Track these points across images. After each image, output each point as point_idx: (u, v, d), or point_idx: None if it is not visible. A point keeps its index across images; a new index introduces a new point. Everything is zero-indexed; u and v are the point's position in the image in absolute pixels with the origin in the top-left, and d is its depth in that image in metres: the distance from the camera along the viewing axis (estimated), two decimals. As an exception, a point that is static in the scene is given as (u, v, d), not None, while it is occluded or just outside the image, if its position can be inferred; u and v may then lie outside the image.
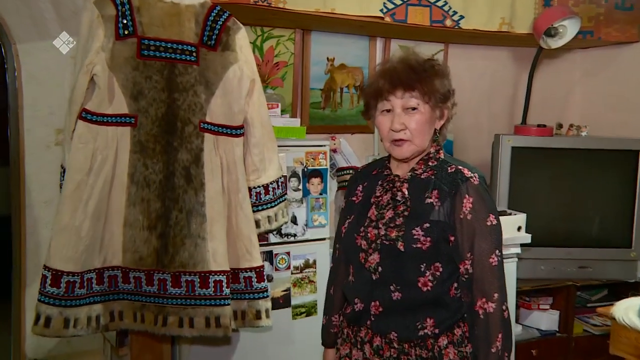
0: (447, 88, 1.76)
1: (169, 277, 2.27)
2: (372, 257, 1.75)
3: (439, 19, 3.15)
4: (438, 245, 1.70)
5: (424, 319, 1.72)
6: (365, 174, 1.92)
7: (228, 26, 2.34)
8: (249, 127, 2.42)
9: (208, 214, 2.28)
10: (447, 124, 1.83)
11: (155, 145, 2.27)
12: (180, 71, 2.27)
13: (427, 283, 1.71)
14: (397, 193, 1.78)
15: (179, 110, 2.28)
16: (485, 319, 1.69)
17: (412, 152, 1.76)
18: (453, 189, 1.72)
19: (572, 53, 3.92)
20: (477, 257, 1.70)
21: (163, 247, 2.27)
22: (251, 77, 2.38)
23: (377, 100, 1.77)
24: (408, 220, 1.72)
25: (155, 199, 2.27)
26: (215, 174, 2.31)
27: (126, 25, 2.24)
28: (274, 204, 2.53)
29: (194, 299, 2.27)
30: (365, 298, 1.77)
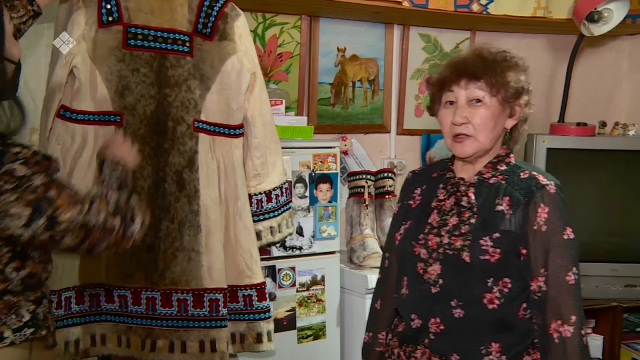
0: (520, 83, 1.77)
1: (159, 295, 2.30)
2: (432, 268, 1.77)
3: (465, 3, 3.18)
4: (508, 258, 1.72)
5: (489, 342, 1.72)
6: (424, 176, 1.94)
7: (225, 12, 2.37)
8: (250, 126, 2.45)
9: (203, 225, 2.31)
10: (520, 125, 1.85)
11: (143, 147, 2.29)
12: (171, 63, 2.30)
13: (494, 300, 1.71)
14: (462, 198, 1.80)
15: (171, 108, 2.31)
16: (562, 344, 1.69)
17: (475, 150, 1.77)
18: (527, 196, 1.74)
19: (618, 40, 3.91)
20: (551, 274, 1.71)
21: (152, 261, 2.29)
22: (252, 70, 2.41)
23: (442, 91, 1.81)
24: (475, 228, 1.74)
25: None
26: (211, 180, 2.34)
27: (110, 10, 2.27)
28: (277, 213, 2.56)
29: (186, 320, 2.30)
30: (424, 314, 1.77)
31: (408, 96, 3.52)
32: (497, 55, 1.78)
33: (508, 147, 1.86)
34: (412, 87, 3.52)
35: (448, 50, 3.58)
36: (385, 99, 3.47)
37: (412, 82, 3.52)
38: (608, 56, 3.93)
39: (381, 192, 3.13)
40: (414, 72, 3.52)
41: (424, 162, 3.60)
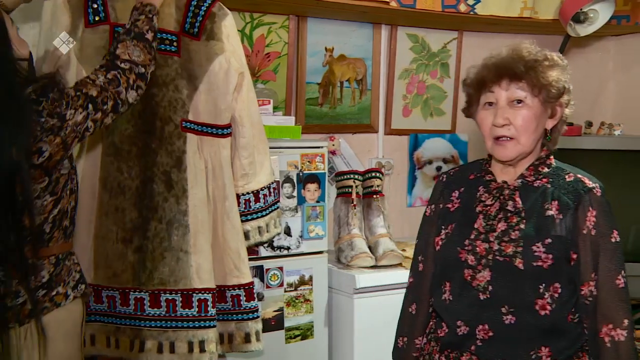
0: (561, 83, 1.75)
1: (147, 296, 2.29)
2: (481, 275, 1.75)
3: (452, 3, 3.19)
4: (559, 264, 1.71)
5: (539, 347, 1.72)
6: (460, 179, 1.91)
7: (213, 12, 2.37)
8: (237, 126, 2.45)
9: (191, 225, 2.31)
10: (560, 125, 1.84)
11: (130, 147, 2.30)
12: (159, 63, 2.29)
13: (546, 306, 1.71)
14: (508, 202, 1.78)
15: (158, 108, 2.31)
16: (614, 348, 1.69)
17: (518, 153, 1.76)
18: (575, 200, 1.73)
19: (604, 41, 3.94)
20: (602, 278, 1.71)
21: (140, 262, 2.29)
22: (240, 70, 2.41)
23: (480, 92, 1.78)
24: (526, 234, 1.73)
25: (130, 208, 2.30)
26: (199, 180, 2.34)
27: (97, 10, 2.27)
28: (265, 212, 2.56)
29: (175, 321, 2.30)
30: (471, 321, 1.75)
31: (396, 96, 3.53)
32: (538, 54, 1.76)
33: (548, 148, 1.84)
34: (399, 87, 3.54)
35: (435, 51, 3.60)
36: (373, 99, 3.48)
37: (399, 82, 3.53)
38: (594, 57, 3.96)
39: (369, 192, 3.14)
40: (402, 72, 3.53)
41: (412, 162, 3.62)
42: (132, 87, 2.01)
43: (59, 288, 1.90)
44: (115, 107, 1.97)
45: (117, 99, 1.96)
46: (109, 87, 1.95)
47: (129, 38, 2.06)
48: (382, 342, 2.79)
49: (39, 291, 1.86)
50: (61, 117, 1.82)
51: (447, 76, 3.66)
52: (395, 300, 2.82)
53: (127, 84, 2.00)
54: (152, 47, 2.10)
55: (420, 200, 3.67)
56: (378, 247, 3.04)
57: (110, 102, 1.95)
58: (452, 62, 3.66)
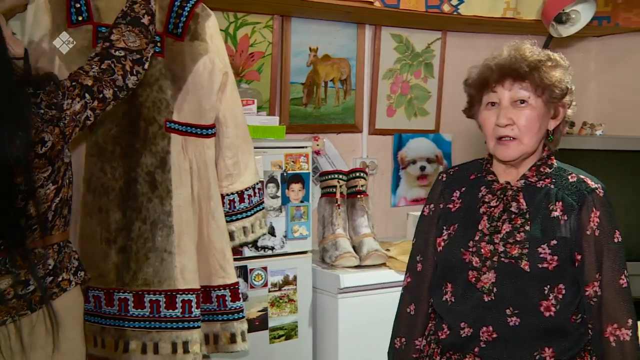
0: (564, 83, 1.75)
1: (131, 296, 2.29)
2: (485, 277, 1.74)
3: (436, 3, 3.20)
4: (564, 265, 1.72)
5: (542, 348, 1.72)
6: (461, 178, 1.91)
7: (196, 13, 2.36)
8: (222, 126, 2.45)
9: (175, 225, 2.30)
10: (562, 126, 1.83)
11: (114, 147, 2.29)
12: None
13: (550, 307, 1.71)
14: (511, 203, 1.77)
15: (142, 108, 2.30)
16: (620, 347, 1.70)
17: (520, 154, 1.76)
18: (579, 201, 1.74)
19: (586, 42, 3.96)
20: (606, 279, 1.72)
21: (124, 262, 2.28)
22: (224, 70, 2.41)
23: (482, 92, 1.78)
24: (531, 235, 1.73)
25: (114, 209, 2.29)
26: (183, 180, 2.34)
27: (80, 10, 2.26)
28: (250, 213, 2.56)
29: (158, 321, 2.29)
30: (475, 322, 1.75)
31: (380, 96, 3.54)
32: (541, 54, 1.76)
33: (549, 148, 1.83)
34: (384, 87, 3.54)
35: (419, 51, 3.61)
36: (357, 98, 3.49)
37: (384, 82, 3.54)
38: (576, 57, 3.98)
39: (353, 191, 3.14)
40: (386, 72, 3.54)
41: (396, 161, 3.63)
42: (130, 72, 2.04)
43: (63, 274, 1.97)
44: (115, 94, 2.00)
45: (114, 86, 1.99)
46: (103, 77, 1.97)
47: (124, 23, 2.07)
48: (367, 341, 2.81)
49: (47, 278, 1.93)
50: (59, 107, 1.86)
51: (430, 76, 3.67)
52: (380, 300, 2.85)
53: (122, 72, 2.01)
54: (148, 31, 2.10)
55: (405, 200, 3.68)
56: (362, 247, 3.04)
57: (108, 91, 1.97)
58: (436, 62, 3.67)
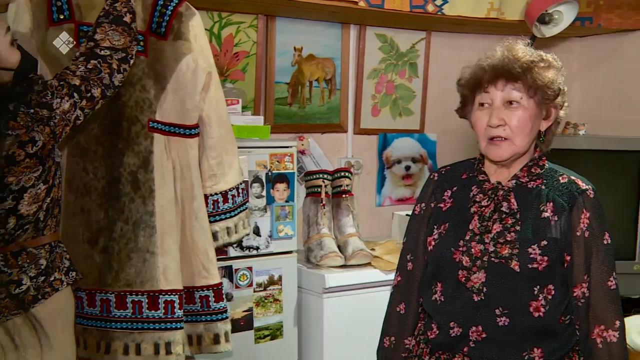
0: (557, 84, 1.75)
1: (113, 297, 2.28)
2: (475, 276, 1.73)
3: (420, 3, 3.20)
4: (554, 266, 1.71)
5: (531, 348, 1.72)
6: (452, 177, 1.90)
7: (180, 12, 2.35)
8: (205, 126, 2.44)
9: (158, 226, 2.30)
10: (554, 127, 1.82)
11: (96, 147, 2.28)
12: None
13: (540, 308, 1.71)
14: (502, 203, 1.77)
15: (125, 108, 2.29)
16: (606, 349, 1.70)
17: (512, 154, 1.75)
18: (570, 202, 1.73)
19: (568, 42, 3.99)
20: (594, 280, 1.72)
21: (106, 263, 2.28)
22: (207, 70, 2.40)
23: (475, 92, 1.77)
24: (521, 236, 1.72)
25: (96, 209, 2.28)
26: (166, 180, 2.33)
27: (61, 8, 2.24)
28: (233, 213, 2.55)
29: (141, 322, 2.28)
30: (464, 322, 1.75)
31: (365, 96, 3.53)
32: (533, 55, 1.76)
33: (541, 149, 1.83)
34: (368, 86, 3.54)
35: (404, 50, 3.61)
36: (342, 98, 3.48)
37: (368, 81, 3.54)
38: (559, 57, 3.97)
39: (338, 191, 3.14)
40: (371, 71, 3.54)
41: (381, 161, 3.63)
42: (117, 71, 2.05)
43: (55, 274, 2.00)
44: (103, 92, 2.02)
45: (101, 85, 2.00)
46: (90, 76, 1.98)
47: (107, 21, 2.07)
48: (352, 341, 2.81)
49: (39, 278, 1.96)
50: (48, 106, 1.89)
51: (415, 76, 3.67)
52: (365, 299, 2.85)
53: (109, 70, 2.03)
54: (131, 28, 2.11)
55: (390, 199, 3.68)
56: (347, 246, 3.04)
57: (96, 89, 1.99)
58: (421, 62, 3.67)
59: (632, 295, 3.45)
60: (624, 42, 3.78)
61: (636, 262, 3.40)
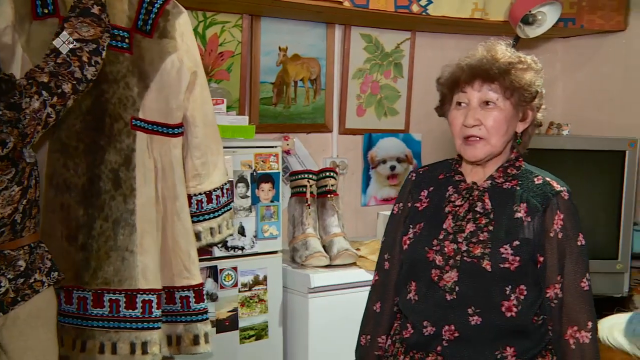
0: (534, 87, 1.75)
1: (90, 295, 2.26)
2: (448, 275, 1.74)
3: (405, 4, 3.19)
4: (526, 266, 1.72)
5: (504, 347, 1.72)
6: (430, 178, 1.90)
7: (167, 10, 2.34)
8: (190, 126, 2.42)
9: (138, 224, 2.28)
10: (531, 128, 1.83)
11: (78, 143, 2.26)
12: (109, 59, 2.26)
13: (512, 308, 1.71)
14: (477, 203, 1.77)
15: (108, 104, 2.28)
16: (579, 350, 1.70)
17: (486, 154, 1.76)
18: (543, 203, 1.73)
19: (552, 43, 4.01)
20: (567, 281, 1.72)
21: (84, 260, 2.26)
22: (192, 69, 2.38)
23: (453, 91, 1.78)
24: (494, 236, 1.73)
25: (76, 206, 2.26)
26: (147, 179, 2.31)
27: (45, 2, 2.21)
28: (217, 213, 2.53)
29: (118, 321, 2.27)
30: (437, 321, 1.75)
31: (350, 96, 3.53)
32: (512, 57, 1.76)
33: (518, 151, 1.83)
34: (353, 86, 3.54)
35: (389, 51, 3.61)
36: (327, 98, 3.48)
37: (353, 81, 3.53)
38: (542, 58, 3.92)
39: (323, 191, 3.14)
40: (356, 71, 3.53)
41: (366, 161, 3.63)
42: (87, 63, 2.01)
43: (35, 275, 1.98)
44: (75, 87, 1.98)
45: (72, 79, 1.96)
46: (60, 71, 1.95)
47: (74, 15, 2.04)
48: (337, 341, 2.80)
49: (19, 279, 1.94)
50: (17, 106, 1.85)
51: (400, 76, 3.67)
52: (350, 299, 2.85)
53: (79, 63, 1.99)
54: (101, 19, 2.08)
55: (375, 199, 3.68)
56: (332, 246, 3.03)
57: (66, 85, 1.95)
58: (405, 62, 3.67)
59: (615, 294, 3.48)
60: (605, 43, 3.81)
61: (618, 261, 3.43)
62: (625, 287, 3.45)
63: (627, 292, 3.45)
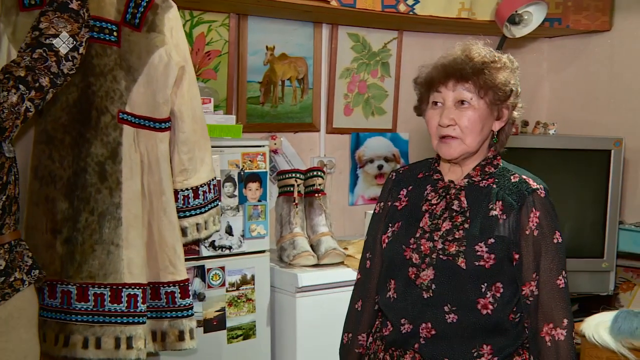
0: (509, 85, 1.75)
1: (75, 289, 2.23)
2: (424, 273, 1.74)
3: (392, 3, 3.19)
4: (502, 264, 1.72)
5: (481, 345, 1.72)
6: (409, 177, 1.91)
7: (156, 3, 2.32)
8: (177, 120, 2.40)
9: (124, 218, 2.25)
10: (508, 127, 1.83)
11: (64, 135, 2.24)
12: (97, 52, 2.25)
13: (488, 305, 1.72)
14: (454, 202, 1.78)
15: (95, 97, 2.26)
16: (555, 347, 1.70)
17: (461, 153, 1.76)
18: (519, 201, 1.73)
19: (538, 42, 4.03)
20: (543, 278, 1.72)
21: (69, 254, 2.23)
22: (180, 64, 2.36)
23: (429, 91, 1.78)
24: (469, 233, 1.73)
25: (61, 198, 2.23)
26: (134, 173, 2.28)
27: None
28: (204, 209, 2.51)
29: (102, 316, 2.24)
30: (415, 319, 1.75)
31: (337, 95, 3.52)
32: (487, 56, 1.76)
33: (495, 149, 1.83)
34: (341, 86, 3.53)
35: (376, 50, 3.61)
36: (314, 97, 3.47)
37: (341, 81, 3.53)
38: (529, 57, 4.04)
39: (311, 190, 3.13)
40: (343, 71, 3.53)
41: (353, 160, 3.63)
42: (64, 58, 1.97)
43: (15, 274, 1.92)
44: (53, 81, 1.94)
45: (49, 74, 1.93)
46: (36, 65, 1.91)
47: (52, 9, 2.00)
48: (325, 340, 2.79)
49: None
50: None
51: (387, 75, 3.67)
52: (338, 298, 2.84)
53: (56, 58, 1.95)
54: (79, 14, 2.03)
55: (362, 198, 3.68)
56: (320, 245, 3.03)
57: (44, 79, 1.92)
58: (393, 61, 3.67)
59: (601, 292, 3.50)
60: (591, 43, 3.83)
61: (604, 260, 3.45)
62: (611, 286, 3.47)
63: (612, 290, 3.47)
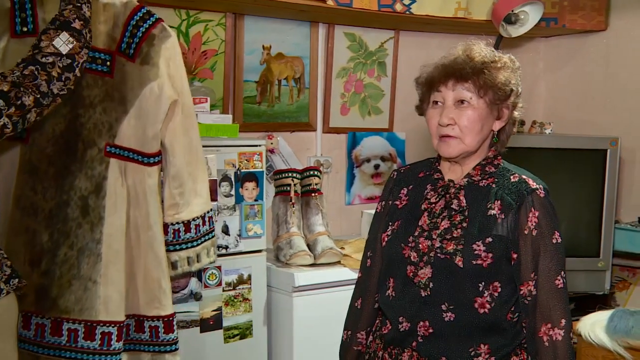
0: (509, 85, 1.75)
1: (49, 322, 2.17)
2: (422, 272, 1.74)
3: (388, 3, 3.17)
4: (499, 263, 1.71)
5: (478, 344, 1.72)
6: (410, 176, 1.91)
7: (153, 34, 2.21)
8: (168, 155, 2.30)
9: (104, 254, 2.18)
10: (508, 127, 1.83)
11: (48, 167, 2.17)
12: (88, 83, 2.17)
13: (485, 304, 1.71)
14: (453, 201, 1.77)
15: (82, 129, 2.18)
16: (552, 347, 1.70)
17: (460, 152, 1.76)
18: (518, 200, 1.73)
19: (534, 42, 4.02)
20: (541, 278, 1.71)
21: (46, 287, 2.17)
22: (173, 98, 2.25)
23: (430, 91, 1.79)
24: (467, 232, 1.73)
25: (42, 230, 2.17)
26: (118, 207, 2.20)
27: (25, 20, 2.14)
28: (196, 243, 2.41)
29: (74, 352, 2.18)
30: (413, 317, 1.75)
31: (334, 94, 3.52)
32: (488, 56, 1.76)
33: (496, 149, 1.83)
34: (337, 85, 3.53)
35: (373, 50, 3.61)
36: (311, 97, 3.47)
37: (337, 80, 3.52)
38: (525, 57, 4.03)
39: (307, 190, 3.13)
40: (340, 70, 3.52)
41: (350, 160, 3.63)
42: (56, 78, 1.91)
43: None
44: (38, 101, 1.87)
45: (36, 92, 1.86)
46: (23, 82, 1.85)
47: (53, 28, 1.95)
48: (321, 340, 2.80)
49: None
50: None
51: (384, 75, 3.67)
52: (335, 298, 2.84)
53: (47, 77, 1.89)
54: (81, 34, 1.97)
55: (359, 198, 3.68)
56: (317, 245, 3.03)
57: (28, 97, 1.85)
58: (389, 60, 3.66)
59: (597, 291, 3.51)
60: (587, 43, 3.82)
61: (600, 259, 3.45)
62: (607, 285, 3.47)
63: (608, 289, 3.47)
